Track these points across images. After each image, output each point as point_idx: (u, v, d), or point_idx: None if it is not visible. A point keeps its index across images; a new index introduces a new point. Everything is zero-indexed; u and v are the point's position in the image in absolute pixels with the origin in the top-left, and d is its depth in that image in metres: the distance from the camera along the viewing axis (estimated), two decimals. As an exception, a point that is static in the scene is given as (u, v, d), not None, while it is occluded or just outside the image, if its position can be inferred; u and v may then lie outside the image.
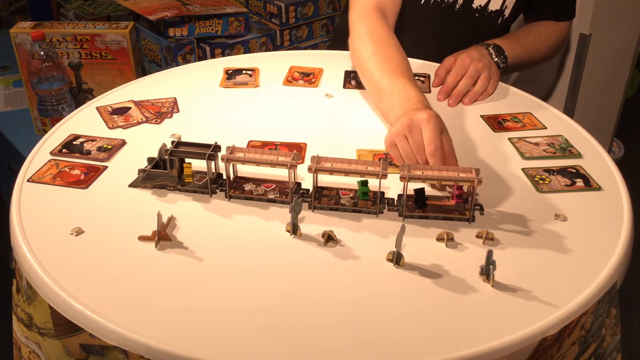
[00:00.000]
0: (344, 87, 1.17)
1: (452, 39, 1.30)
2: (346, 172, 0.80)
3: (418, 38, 1.31)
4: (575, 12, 1.36)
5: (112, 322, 0.63)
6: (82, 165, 0.90)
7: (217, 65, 1.24)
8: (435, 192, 0.85)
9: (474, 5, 1.27)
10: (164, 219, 0.78)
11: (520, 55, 1.24)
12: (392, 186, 0.86)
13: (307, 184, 0.86)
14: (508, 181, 0.89)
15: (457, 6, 1.27)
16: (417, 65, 1.25)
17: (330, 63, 1.25)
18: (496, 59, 1.18)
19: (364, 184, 0.82)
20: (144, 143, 0.96)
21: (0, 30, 2.15)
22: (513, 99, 1.14)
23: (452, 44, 1.27)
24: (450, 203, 0.83)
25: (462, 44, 1.27)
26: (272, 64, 1.24)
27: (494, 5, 1.27)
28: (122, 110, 1.05)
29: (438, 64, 1.19)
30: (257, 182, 0.86)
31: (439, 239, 0.77)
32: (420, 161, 0.86)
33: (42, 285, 0.69)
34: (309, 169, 0.81)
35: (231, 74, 1.20)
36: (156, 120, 1.03)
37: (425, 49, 1.28)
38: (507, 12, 1.28)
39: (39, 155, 0.92)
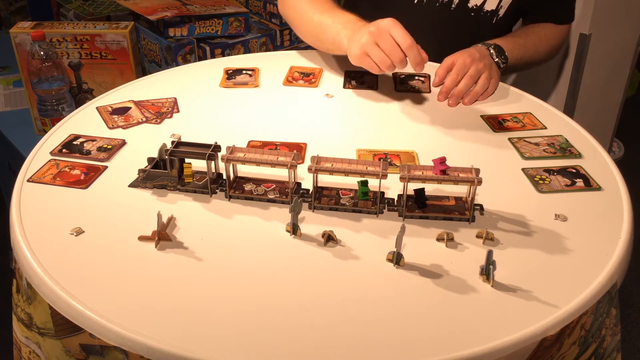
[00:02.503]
0: (344, 87, 1.17)
1: (447, 38, 1.30)
2: (346, 172, 0.80)
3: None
4: (574, 15, 1.36)
5: (112, 322, 0.63)
6: (82, 165, 0.90)
7: (217, 65, 1.24)
8: (435, 192, 0.85)
9: (470, 5, 1.27)
10: (164, 219, 0.78)
11: (520, 56, 1.24)
12: (392, 186, 0.86)
13: (307, 184, 0.86)
14: (508, 181, 0.89)
15: (453, 5, 1.27)
16: (417, 65, 1.26)
17: (330, 63, 1.25)
18: (497, 59, 1.18)
19: (364, 184, 0.82)
20: (144, 143, 0.96)
21: (0, 30, 2.15)
22: (513, 99, 1.14)
23: (446, 43, 1.27)
24: (450, 203, 0.83)
25: (457, 44, 1.27)
26: (272, 64, 1.24)
27: (490, 5, 1.27)
28: (122, 110, 1.05)
29: (437, 64, 1.19)
30: (257, 182, 0.86)
31: (439, 239, 0.77)
32: (396, 61, 0.97)
33: (42, 285, 0.69)
34: (309, 169, 0.81)
35: (231, 74, 1.20)
36: (156, 120, 1.03)
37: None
38: (501, 12, 1.28)
39: (39, 155, 0.92)
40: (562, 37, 1.36)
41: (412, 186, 0.82)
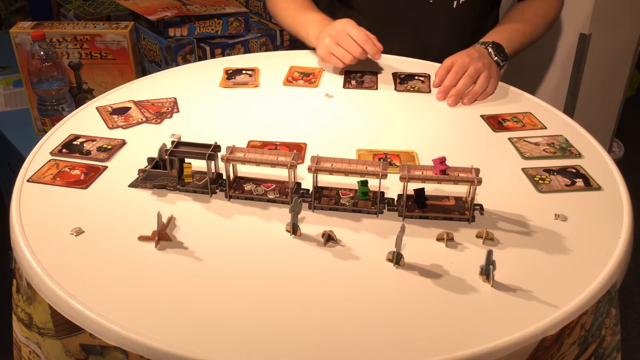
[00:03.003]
0: (344, 87, 1.17)
1: (406, 28, 1.33)
2: (346, 172, 0.80)
3: (369, 30, 1.33)
4: None
5: (112, 322, 0.63)
6: (82, 165, 0.90)
7: (217, 65, 1.24)
8: (435, 192, 0.85)
9: None
10: (164, 219, 0.78)
11: (520, 43, 1.25)
12: (392, 186, 0.86)
13: (307, 184, 0.86)
14: (508, 181, 0.89)
15: None
16: (418, 65, 1.26)
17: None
18: (496, 58, 1.18)
19: (364, 184, 0.82)
20: (144, 143, 0.96)
21: (0, 30, 2.15)
22: (513, 99, 1.14)
23: (405, 34, 1.32)
24: (450, 203, 0.83)
25: (419, 35, 1.31)
26: (272, 64, 1.24)
27: None
28: (122, 110, 1.05)
29: (438, 64, 1.19)
30: (257, 182, 0.86)
31: (439, 239, 0.77)
32: (356, 55, 1.13)
33: (42, 285, 0.69)
34: (309, 169, 0.81)
35: (231, 74, 1.20)
36: (156, 120, 1.03)
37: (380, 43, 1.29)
38: None
39: (39, 155, 0.92)
40: (558, 10, 1.34)
41: (412, 186, 0.82)
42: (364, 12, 1.34)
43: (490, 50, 1.19)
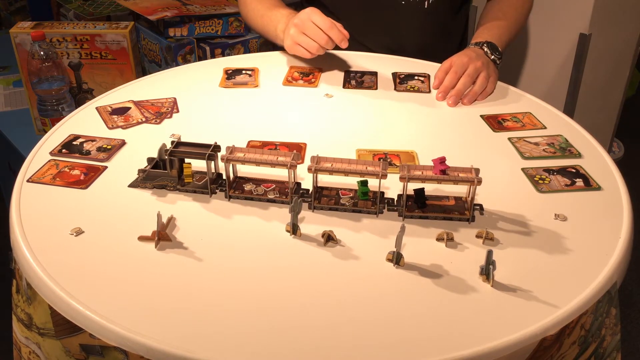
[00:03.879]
0: (344, 87, 1.17)
1: (381, 29, 1.34)
2: (346, 172, 0.80)
3: (351, 36, 1.33)
4: None
5: (112, 322, 0.63)
6: (81, 165, 0.90)
7: (217, 65, 1.24)
8: (435, 192, 0.85)
9: None
10: (164, 219, 0.78)
11: (508, 40, 1.26)
12: (392, 186, 0.86)
13: (307, 184, 0.86)
14: (508, 181, 0.89)
15: None
16: (418, 65, 1.26)
17: (330, 63, 1.25)
18: (492, 57, 1.19)
19: (364, 184, 0.82)
20: (144, 143, 0.96)
21: (0, 30, 2.15)
22: (513, 99, 1.14)
23: (381, 34, 1.32)
24: (450, 203, 0.83)
25: (395, 36, 1.32)
26: (272, 64, 1.24)
27: None
28: (121, 110, 1.05)
29: (438, 64, 1.19)
30: (257, 182, 0.86)
31: (439, 239, 0.77)
32: (322, 43, 1.10)
33: (41, 286, 0.69)
34: (309, 169, 0.81)
35: (231, 74, 1.20)
36: (156, 120, 1.03)
37: (355, 43, 1.30)
38: None
39: (39, 156, 0.92)
40: (531, 1, 1.36)
41: (412, 186, 0.82)
42: (339, 14, 1.34)
43: (486, 49, 1.19)
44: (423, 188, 0.82)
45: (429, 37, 1.36)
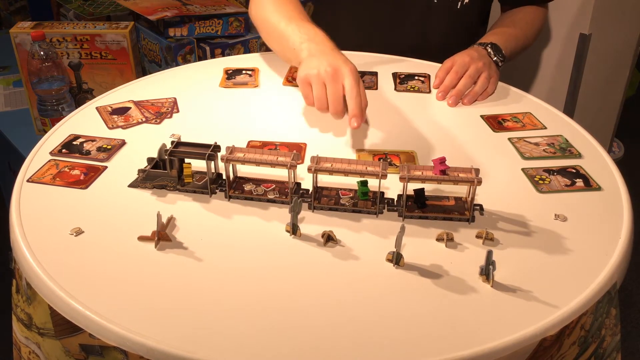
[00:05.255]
0: (344, 87, 1.16)
1: (409, 29, 1.32)
2: (346, 172, 0.80)
3: (374, 33, 1.33)
4: None
5: (112, 322, 0.63)
6: (81, 165, 0.90)
7: (217, 65, 1.24)
8: (435, 192, 0.85)
9: None
10: (164, 219, 0.78)
11: (513, 48, 1.25)
12: (392, 186, 0.86)
13: (307, 184, 0.86)
14: (508, 181, 0.89)
15: None
16: (418, 65, 1.26)
17: (330, 63, 1.25)
18: (495, 58, 1.19)
19: (364, 184, 0.82)
20: (144, 143, 0.96)
21: (0, 30, 2.15)
22: (513, 99, 1.14)
23: (409, 34, 1.28)
24: (450, 203, 0.83)
25: (423, 34, 1.28)
26: (272, 64, 1.24)
27: None
28: (122, 110, 1.05)
29: (438, 64, 1.19)
30: (257, 182, 0.86)
31: (439, 239, 0.77)
32: (332, 111, 0.94)
33: (41, 286, 0.69)
34: (309, 169, 0.81)
35: (231, 74, 1.20)
36: (156, 120, 1.03)
37: (381, 42, 1.29)
38: None
39: (39, 156, 0.92)
40: (544, 19, 1.37)
41: (412, 186, 0.82)
42: (369, 11, 1.33)
43: (489, 50, 1.19)
44: (423, 188, 0.82)
45: (455, 38, 1.34)
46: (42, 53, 1.33)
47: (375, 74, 1.21)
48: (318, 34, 1.03)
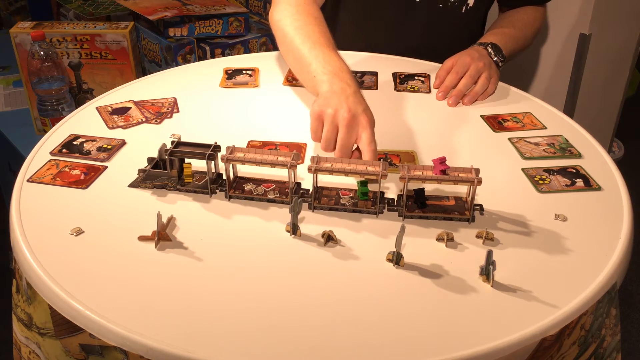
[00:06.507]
0: (344, 87, 1.16)
1: (415, 32, 1.31)
2: (346, 172, 0.80)
3: (378, 35, 1.33)
4: None
5: (112, 322, 0.63)
6: (82, 165, 0.90)
7: (217, 65, 1.24)
8: (435, 192, 0.85)
9: None
10: (164, 219, 0.78)
11: (513, 49, 1.25)
12: (392, 186, 0.86)
13: (307, 184, 0.86)
14: (508, 181, 0.89)
15: None
16: (418, 65, 1.26)
17: (330, 63, 1.25)
18: (495, 58, 1.19)
19: (364, 184, 0.82)
20: (144, 143, 0.96)
21: (0, 30, 2.15)
22: (513, 99, 1.14)
23: (415, 38, 1.28)
24: (450, 203, 0.83)
25: (427, 37, 1.28)
26: (272, 64, 1.24)
27: None
28: (122, 110, 1.05)
29: (438, 64, 1.19)
30: (257, 182, 0.86)
31: (439, 239, 0.77)
32: (337, 155, 0.87)
33: (41, 286, 0.69)
34: (309, 169, 0.81)
35: (231, 74, 1.20)
36: (156, 120, 1.03)
37: (385, 45, 1.29)
38: (470, 1, 1.28)
39: (39, 155, 0.92)
40: (542, 19, 1.37)
41: (412, 186, 0.82)
42: (374, 16, 1.33)
43: (489, 50, 1.19)
44: (423, 188, 0.82)
45: (459, 41, 1.33)
46: (42, 53, 1.33)
47: (375, 74, 1.21)
48: (343, 68, 0.95)
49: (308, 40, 1.01)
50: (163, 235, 0.75)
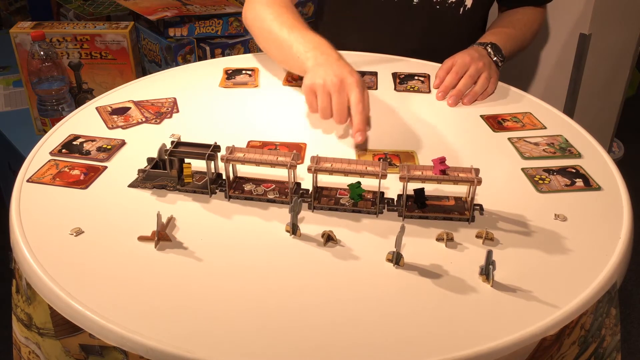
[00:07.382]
0: (344, 87, 1.16)
1: (414, 35, 1.32)
2: (346, 172, 0.80)
3: (376, 37, 1.33)
4: None
5: (112, 322, 0.63)
6: (81, 165, 0.90)
7: (217, 65, 1.24)
8: (435, 192, 0.85)
9: None
10: (164, 219, 0.78)
11: (512, 49, 1.26)
12: (392, 186, 0.86)
13: (307, 184, 0.86)
14: (508, 181, 0.89)
15: (415, 1, 1.27)
16: (418, 65, 1.26)
17: (330, 63, 1.25)
18: (495, 58, 1.19)
19: (356, 186, 0.81)
20: (144, 143, 0.96)
21: (0, 30, 2.15)
22: (513, 99, 1.14)
23: (414, 40, 1.28)
24: (450, 203, 0.83)
25: (427, 39, 1.28)
26: (272, 64, 1.24)
27: None
28: (121, 110, 1.05)
29: (438, 64, 1.19)
30: (257, 182, 0.86)
31: (439, 239, 0.77)
32: (336, 120, 0.95)
33: (41, 286, 0.69)
34: (309, 169, 0.81)
35: (231, 74, 1.20)
36: (156, 121, 1.03)
37: (385, 48, 1.29)
38: (468, 3, 1.29)
39: (39, 156, 0.92)
40: (542, 20, 1.37)
41: (412, 186, 0.82)
42: (373, 19, 1.33)
43: (489, 50, 1.19)
44: (423, 188, 0.82)
45: (458, 43, 1.33)
46: (42, 53, 1.33)
47: (375, 74, 1.21)
48: (322, 42, 1.03)
49: (284, 26, 1.07)
50: (163, 236, 0.75)
